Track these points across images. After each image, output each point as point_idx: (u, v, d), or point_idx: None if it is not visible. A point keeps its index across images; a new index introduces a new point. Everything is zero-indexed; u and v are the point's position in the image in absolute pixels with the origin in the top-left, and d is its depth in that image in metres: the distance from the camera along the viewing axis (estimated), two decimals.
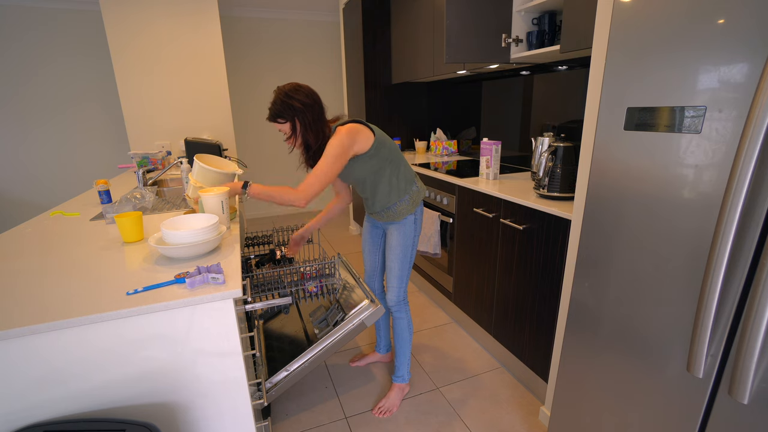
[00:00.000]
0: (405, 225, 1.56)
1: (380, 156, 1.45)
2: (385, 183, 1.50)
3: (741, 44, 0.68)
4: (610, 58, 0.92)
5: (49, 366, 0.80)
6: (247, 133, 4.50)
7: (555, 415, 1.24)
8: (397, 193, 1.52)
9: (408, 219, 1.56)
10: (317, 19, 4.40)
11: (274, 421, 1.65)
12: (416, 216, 1.58)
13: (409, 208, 1.54)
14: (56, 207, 1.76)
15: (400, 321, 1.67)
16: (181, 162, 1.86)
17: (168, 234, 1.03)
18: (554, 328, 1.53)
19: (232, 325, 0.93)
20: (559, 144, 1.54)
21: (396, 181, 1.51)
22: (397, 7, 2.91)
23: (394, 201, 1.52)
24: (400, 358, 1.71)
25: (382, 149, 1.45)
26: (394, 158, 1.50)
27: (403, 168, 1.54)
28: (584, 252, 1.06)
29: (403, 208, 1.54)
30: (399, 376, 1.73)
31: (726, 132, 0.72)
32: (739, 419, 0.75)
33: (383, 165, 1.47)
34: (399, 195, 1.52)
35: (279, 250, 1.68)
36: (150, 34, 3.12)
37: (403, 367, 1.72)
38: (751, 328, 0.67)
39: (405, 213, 1.54)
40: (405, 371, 1.73)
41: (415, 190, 1.56)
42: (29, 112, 3.66)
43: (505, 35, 1.93)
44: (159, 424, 0.92)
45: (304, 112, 1.36)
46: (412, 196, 1.55)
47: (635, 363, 0.95)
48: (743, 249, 0.71)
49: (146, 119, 3.28)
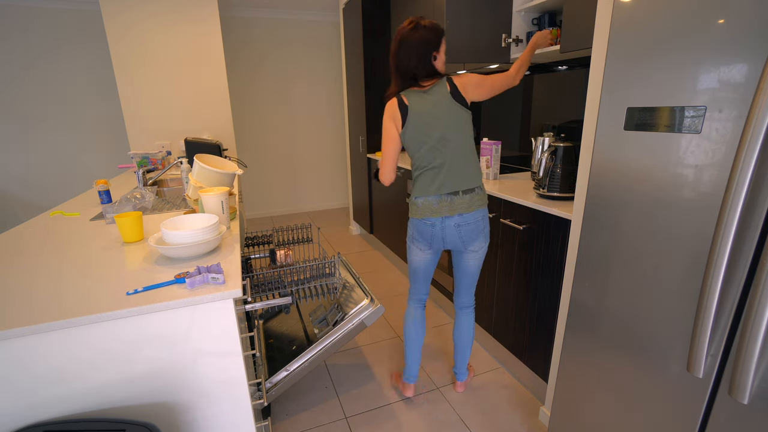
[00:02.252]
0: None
1: (406, 142, 1.46)
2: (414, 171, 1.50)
3: (741, 44, 0.68)
4: (610, 58, 0.92)
5: (49, 366, 0.80)
6: (247, 133, 4.50)
7: (555, 415, 1.24)
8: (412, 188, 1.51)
9: (410, 222, 1.54)
10: (317, 19, 4.40)
11: (274, 421, 1.65)
12: (413, 228, 1.51)
13: (410, 212, 1.52)
14: (56, 207, 1.76)
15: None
16: (181, 162, 1.86)
17: (168, 234, 1.03)
18: (554, 328, 1.53)
19: (232, 325, 0.92)
20: (559, 144, 1.54)
21: (414, 176, 1.50)
22: (397, 7, 2.91)
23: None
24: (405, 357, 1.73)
25: (407, 135, 1.43)
26: (414, 154, 1.46)
27: (421, 172, 1.46)
28: (584, 252, 1.06)
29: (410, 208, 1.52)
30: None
31: (726, 132, 0.72)
32: (739, 419, 0.75)
33: (411, 154, 1.48)
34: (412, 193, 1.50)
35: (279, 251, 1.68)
36: (150, 33, 3.12)
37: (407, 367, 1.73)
38: (751, 328, 0.67)
39: (410, 214, 1.52)
40: (406, 369, 1.74)
41: (414, 202, 1.48)
42: (29, 112, 3.66)
43: (505, 35, 1.93)
44: (159, 424, 0.92)
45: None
46: (411, 205, 1.50)
47: (635, 363, 0.95)
48: (743, 249, 0.71)
49: (146, 119, 3.28)
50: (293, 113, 4.63)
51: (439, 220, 1.45)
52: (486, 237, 1.51)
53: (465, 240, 1.48)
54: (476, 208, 1.44)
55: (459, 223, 1.45)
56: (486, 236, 1.51)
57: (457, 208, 1.43)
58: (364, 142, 3.37)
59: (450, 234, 1.47)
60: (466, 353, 1.70)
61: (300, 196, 4.96)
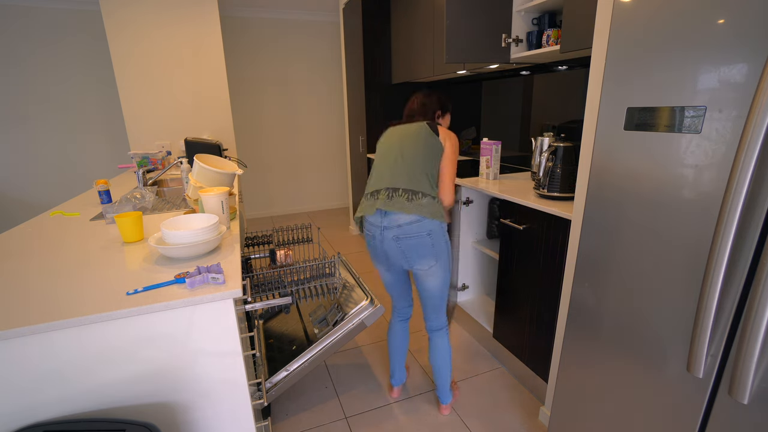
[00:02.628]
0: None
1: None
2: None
3: (741, 44, 0.68)
4: (610, 58, 0.92)
5: (49, 366, 0.80)
6: (247, 133, 4.50)
7: (555, 415, 1.24)
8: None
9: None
10: (317, 19, 4.39)
11: (274, 421, 1.65)
12: (363, 233, 1.51)
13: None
14: (56, 207, 1.76)
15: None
16: (181, 162, 1.86)
17: (168, 234, 1.03)
18: (554, 328, 1.53)
19: (232, 325, 0.93)
20: (559, 144, 1.54)
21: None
22: (396, 7, 2.91)
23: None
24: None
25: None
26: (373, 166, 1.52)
27: (370, 177, 1.50)
28: (584, 252, 1.06)
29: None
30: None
31: (726, 132, 0.72)
32: (739, 419, 0.75)
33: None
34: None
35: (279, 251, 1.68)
36: (150, 33, 3.12)
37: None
38: (751, 328, 0.67)
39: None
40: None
41: (360, 203, 1.49)
42: (29, 112, 3.66)
43: (505, 35, 1.93)
44: (159, 424, 0.92)
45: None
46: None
47: (635, 363, 0.95)
48: (743, 249, 0.71)
49: (146, 119, 3.28)
50: (293, 113, 4.63)
51: (378, 230, 1.39)
52: (437, 257, 1.39)
53: (408, 256, 1.39)
54: (416, 212, 1.33)
55: (398, 235, 1.36)
56: (437, 256, 1.39)
57: (393, 204, 1.34)
58: (364, 142, 3.37)
59: (390, 247, 1.39)
60: (446, 376, 1.60)
61: (300, 196, 4.96)
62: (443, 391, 1.64)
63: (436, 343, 1.58)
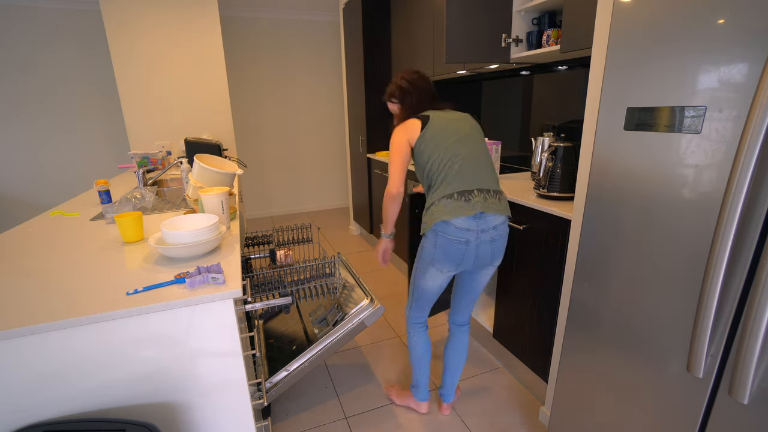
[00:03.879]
0: (424, 238, 1.36)
1: (421, 152, 1.35)
2: (425, 184, 1.39)
3: (741, 44, 0.68)
4: (610, 58, 0.92)
5: (49, 366, 0.80)
6: (247, 133, 4.50)
7: (555, 415, 1.24)
8: (428, 198, 1.35)
9: (427, 234, 1.33)
10: (317, 19, 4.40)
11: (274, 421, 1.65)
12: (437, 238, 1.30)
13: (427, 221, 1.32)
14: (56, 207, 1.76)
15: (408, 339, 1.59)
16: (181, 162, 1.86)
17: (168, 234, 1.03)
18: (554, 328, 1.53)
19: (232, 325, 0.92)
20: (559, 144, 1.54)
21: (430, 186, 1.36)
22: (397, 7, 2.91)
23: (426, 205, 1.36)
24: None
25: (426, 146, 1.33)
26: (436, 160, 1.32)
27: (445, 176, 1.30)
28: (584, 252, 1.06)
29: (425, 219, 1.34)
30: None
31: (726, 132, 0.72)
32: (739, 419, 0.75)
33: (423, 164, 1.36)
34: (428, 201, 1.35)
35: (279, 251, 1.68)
36: (150, 33, 3.12)
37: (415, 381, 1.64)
38: (751, 328, 0.67)
39: (424, 226, 1.34)
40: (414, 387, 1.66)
41: (437, 205, 1.29)
42: (29, 112, 3.66)
43: (505, 35, 1.93)
44: (159, 424, 0.92)
45: (407, 94, 1.47)
46: (432, 210, 1.30)
47: (635, 363, 0.95)
48: (743, 249, 0.71)
49: (146, 119, 3.29)
50: (293, 113, 4.63)
51: (474, 234, 1.28)
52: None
53: (496, 256, 1.36)
54: (507, 213, 1.33)
55: (494, 237, 1.31)
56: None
57: (489, 207, 1.28)
58: (364, 142, 3.37)
59: (484, 250, 1.32)
60: (458, 374, 1.58)
61: (300, 196, 4.96)
62: (450, 389, 1.61)
63: (459, 339, 1.55)
